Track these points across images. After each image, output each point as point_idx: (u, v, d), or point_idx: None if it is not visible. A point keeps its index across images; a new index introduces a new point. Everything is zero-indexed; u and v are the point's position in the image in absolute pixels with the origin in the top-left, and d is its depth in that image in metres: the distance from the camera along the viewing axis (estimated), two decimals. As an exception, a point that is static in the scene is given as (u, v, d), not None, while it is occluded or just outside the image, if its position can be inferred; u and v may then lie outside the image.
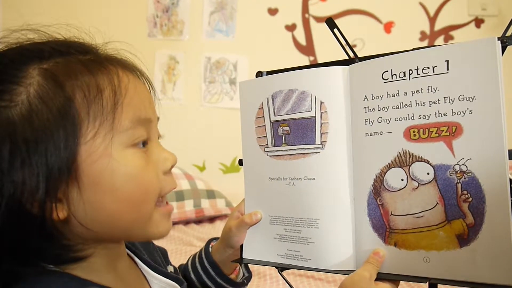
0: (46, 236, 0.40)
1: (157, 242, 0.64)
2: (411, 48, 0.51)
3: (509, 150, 0.44)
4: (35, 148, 0.38)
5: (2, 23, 2.24)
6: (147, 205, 0.45)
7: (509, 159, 0.44)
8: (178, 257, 1.38)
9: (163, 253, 0.64)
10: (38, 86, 0.40)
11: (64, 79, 0.41)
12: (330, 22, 0.58)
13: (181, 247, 1.50)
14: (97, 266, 0.45)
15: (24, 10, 2.34)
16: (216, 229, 1.83)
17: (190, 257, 0.71)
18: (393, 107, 0.51)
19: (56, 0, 2.40)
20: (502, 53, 0.45)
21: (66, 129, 0.39)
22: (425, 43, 2.29)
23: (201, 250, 0.70)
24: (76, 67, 0.42)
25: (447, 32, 2.28)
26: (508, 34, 0.46)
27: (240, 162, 0.64)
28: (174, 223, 1.83)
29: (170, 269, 0.61)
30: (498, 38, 0.45)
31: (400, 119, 0.51)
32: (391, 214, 0.52)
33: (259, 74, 0.63)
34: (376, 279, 0.50)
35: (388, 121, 0.52)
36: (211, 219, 1.97)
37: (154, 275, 0.53)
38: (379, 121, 0.52)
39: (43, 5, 2.37)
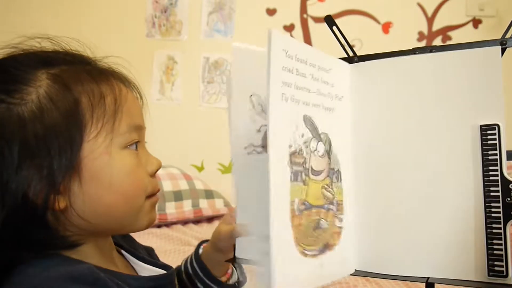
0: (43, 225, 0.44)
1: (154, 241, 0.64)
2: (409, 49, 0.51)
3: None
4: (44, 143, 0.42)
5: (4, 22, 2.24)
6: (138, 199, 0.49)
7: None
8: (176, 257, 1.38)
9: (149, 250, 0.66)
10: (47, 87, 0.44)
11: (71, 83, 0.45)
12: (329, 20, 0.57)
13: (179, 247, 1.50)
14: (89, 254, 0.48)
15: (25, 9, 2.34)
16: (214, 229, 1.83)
17: (184, 259, 0.72)
18: None
19: (55, 1, 2.39)
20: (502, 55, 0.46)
21: (73, 128, 0.44)
22: (423, 44, 2.30)
23: (192, 252, 0.70)
24: (82, 75, 0.47)
25: (445, 33, 2.29)
26: (508, 36, 0.47)
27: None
28: (173, 223, 1.83)
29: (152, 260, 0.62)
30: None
31: None
32: None
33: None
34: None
35: None
36: (210, 219, 1.97)
37: (142, 265, 0.57)
38: None
39: (42, 5, 2.36)
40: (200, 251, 0.69)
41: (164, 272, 0.57)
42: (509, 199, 0.45)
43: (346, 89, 0.54)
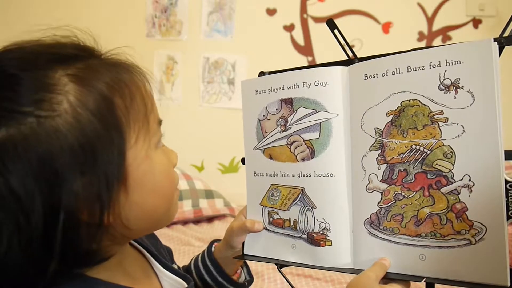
0: (91, 242, 0.39)
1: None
2: (409, 49, 0.52)
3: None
4: (92, 156, 0.38)
5: (4, 22, 2.24)
6: (173, 196, 0.48)
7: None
8: (176, 257, 1.37)
9: (169, 251, 0.65)
10: (76, 93, 0.38)
11: (99, 84, 0.40)
12: (331, 23, 0.58)
13: (179, 247, 1.50)
14: (108, 265, 0.45)
15: (24, 9, 2.34)
16: (214, 229, 1.83)
17: (192, 258, 0.72)
18: None
19: (54, 1, 2.39)
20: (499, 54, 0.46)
21: (116, 136, 0.39)
22: (423, 44, 2.30)
23: (204, 250, 0.71)
24: (105, 74, 0.41)
25: (445, 33, 2.29)
26: (506, 34, 0.46)
27: (243, 161, 0.64)
28: (173, 223, 1.83)
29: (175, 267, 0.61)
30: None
31: None
32: None
33: (261, 75, 0.63)
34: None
35: None
36: (210, 219, 1.97)
37: (164, 272, 0.54)
38: None
39: (42, 5, 2.36)
40: (213, 249, 0.69)
41: (185, 286, 0.54)
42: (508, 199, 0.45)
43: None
